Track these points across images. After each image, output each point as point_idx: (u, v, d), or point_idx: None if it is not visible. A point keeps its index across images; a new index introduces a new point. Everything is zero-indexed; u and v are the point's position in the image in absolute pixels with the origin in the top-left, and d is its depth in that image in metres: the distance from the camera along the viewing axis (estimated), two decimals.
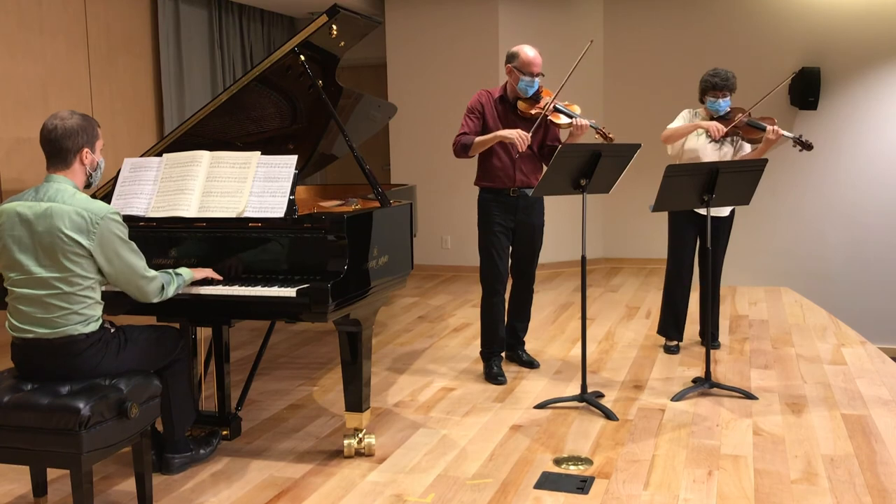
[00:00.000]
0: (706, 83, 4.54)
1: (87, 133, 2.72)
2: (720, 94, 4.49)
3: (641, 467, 3.21)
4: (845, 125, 7.33)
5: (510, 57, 4.21)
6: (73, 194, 2.64)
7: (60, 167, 2.70)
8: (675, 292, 4.78)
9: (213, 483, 3.12)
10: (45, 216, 2.59)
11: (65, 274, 2.60)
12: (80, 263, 2.61)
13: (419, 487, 3.06)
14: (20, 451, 2.58)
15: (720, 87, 4.47)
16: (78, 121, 2.71)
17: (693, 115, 4.65)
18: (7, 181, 5.11)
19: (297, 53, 3.51)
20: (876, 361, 4.60)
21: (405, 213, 3.61)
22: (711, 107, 4.54)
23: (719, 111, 4.53)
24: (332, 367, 4.70)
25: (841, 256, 7.39)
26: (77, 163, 2.72)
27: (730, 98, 4.53)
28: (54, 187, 2.65)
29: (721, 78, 4.48)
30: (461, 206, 7.23)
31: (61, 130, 2.67)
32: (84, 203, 2.63)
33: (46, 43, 5.51)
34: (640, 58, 7.84)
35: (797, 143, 4.42)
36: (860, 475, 3.09)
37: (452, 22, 7.66)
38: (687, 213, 4.60)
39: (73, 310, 2.63)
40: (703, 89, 4.57)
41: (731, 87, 4.50)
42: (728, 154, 4.58)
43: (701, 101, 4.63)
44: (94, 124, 2.78)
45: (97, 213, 2.61)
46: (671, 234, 4.77)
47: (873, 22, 7.15)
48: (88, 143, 2.73)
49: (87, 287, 2.64)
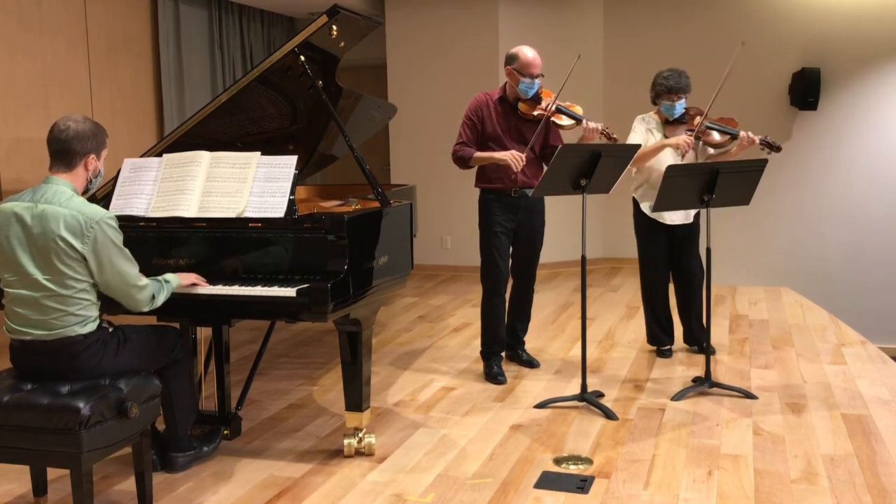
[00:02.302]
0: (660, 87, 4.40)
1: (96, 139, 2.73)
2: (675, 97, 4.38)
3: (641, 467, 3.21)
4: (845, 125, 7.32)
5: (510, 59, 4.21)
6: (70, 197, 2.63)
7: (63, 169, 2.70)
8: (654, 303, 4.73)
9: (214, 482, 3.12)
10: (40, 218, 2.59)
11: (59, 276, 2.60)
12: (74, 267, 2.61)
13: (419, 487, 3.06)
14: (20, 451, 2.59)
15: (675, 89, 4.35)
16: (90, 126, 2.72)
17: (647, 123, 4.53)
18: (7, 181, 5.11)
19: (297, 54, 3.51)
20: (876, 361, 4.60)
21: (405, 213, 3.61)
22: (666, 110, 4.43)
23: (675, 114, 4.42)
24: (332, 367, 4.70)
25: (841, 256, 7.39)
26: (81, 167, 2.72)
27: (685, 100, 4.43)
28: (52, 189, 2.65)
29: (675, 80, 4.36)
30: (461, 206, 7.23)
31: (73, 133, 2.67)
32: (80, 206, 2.62)
33: (46, 43, 5.51)
34: (640, 58, 7.82)
35: (765, 144, 4.35)
36: (860, 475, 3.09)
37: (452, 22, 7.66)
38: (653, 223, 4.54)
39: (70, 311, 2.62)
40: (657, 93, 4.43)
41: (685, 89, 4.38)
42: (690, 159, 4.46)
43: (654, 103, 4.51)
44: (104, 133, 2.79)
45: (92, 216, 2.61)
46: (640, 246, 4.69)
47: (873, 22, 7.15)
48: (96, 149, 2.74)
49: (81, 290, 2.64)
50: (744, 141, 4.29)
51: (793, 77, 7.28)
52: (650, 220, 4.55)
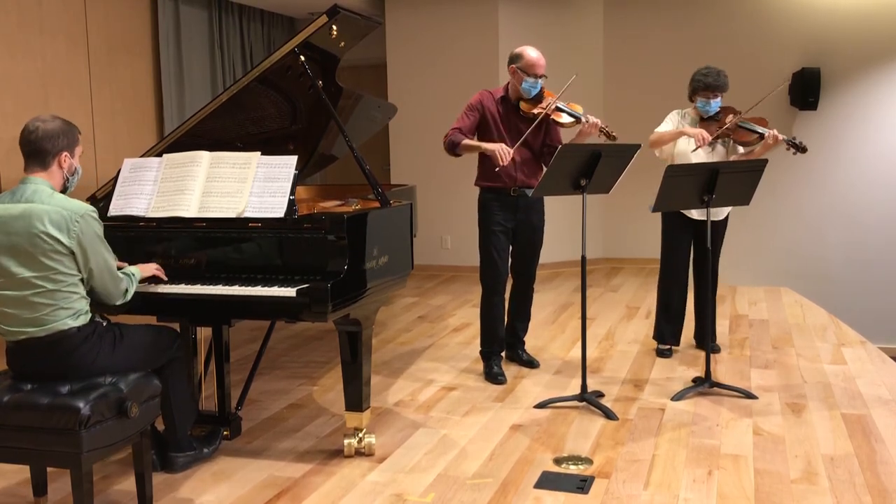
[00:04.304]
0: (697, 83, 4.43)
1: (67, 137, 2.74)
2: (711, 95, 4.40)
3: (641, 467, 3.21)
4: (845, 125, 7.32)
5: (514, 58, 4.21)
6: (50, 195, 2.65)
7: (38, 169, 2.71)
8: (671, 298, 4.72)
9: (214, 482, 3.12)
10: (21, 217, 2.60)
11: (46, 272, 2.61)
12: (62, 261, 2.62)
13: (419, 487, 3.06)
14: (20, 451, 2.59)
15: (712, 87, 4.37)
16: (59, 124, 2.73)
17: (682, 117, 4.57)
18: (7, 181, 5.11)
19: (298, 54, 3.51)
20: (876, 361, 4.60)
21: (405, 213, 3.61)
22: (702, 107, 4.46)
23: (710, 112, 4.44)
24: (332, 367, 4.70)
25: (841, 256, 7.39)
26: (55, 165, 2.73)
27: (721, 98, 4.46)
28: (31, 188, 2.66)
29: (713, 77, 4.37)
30: (461, 206, 7.23)
31: (42, 132, 2.69)
32: (62, 202, 2.64)
33: (46, 43, 5.51)
34: (641, 58, 7.84)
35: (791, 145, 4.36)
36: (860, 475, 3.09)
37: (452, 22, 7.66)
38: (680, 217, 4.55)
39: (60, 305, 2.64)
40: (694, 89, 4.46)
41: (723, 88, 4.40)
42: (720, 156, 4.49)
43: (690, 100, 4.54)
44: (76, 130, 2.80)
45: (77, 211, 2.63)
46: (665, 239, 4.69)
47: (873, 22, 7.15)
48: (68, 147, 2.75)
49: (70, 283, 2.65)
50: (769, 139, 4.28)
51: (793, 77, 7.28)
52: (677, 214, 4.54)
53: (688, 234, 4.61)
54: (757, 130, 4.37)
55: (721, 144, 4.50)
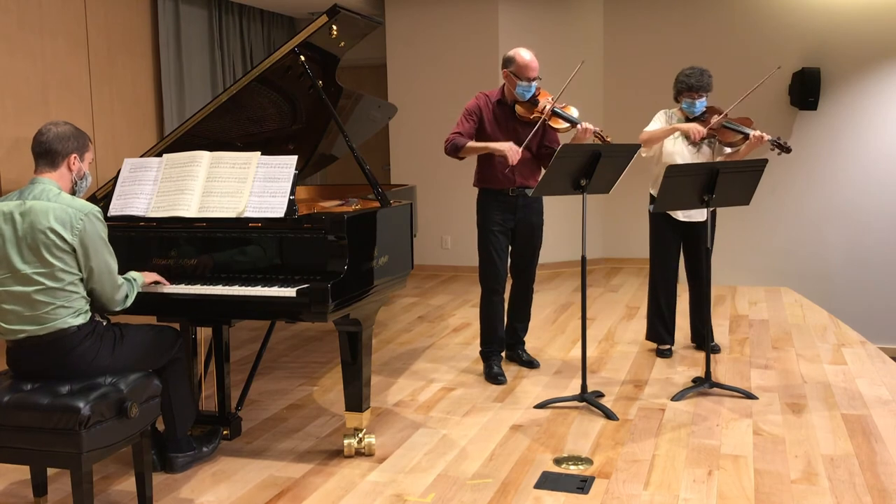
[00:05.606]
0: (682, 84, 4.43)
1: (77, 140, 2.79)
2: (696, 95, 4.40)
3: (641, 467, 3.21)
4: (845, 125, 7.32)
5: (506, 62, 4.20)
6: (57, 194, 2.69)
7: (47, 169, 2.75)
8: (661, 299, 4.72)
9: (214, 483, 3.12)
10: (28, 213, 2.63)
11: (49, 269, 2.62)
12: (64, 259, 2.63)
13: (419, 487, 3.06)
14: (20, 451, 2.59)
15: (695, 87, 4.38)
16: (71, 129, 2.79)
17: (669, 117, 4.57)
18: (7, 181, 5.11)
19: (298, 54, 3.51)
20: (876, 361, 4.60)
21: (405, 213, 3.61)
22: (687, 108, 4.46)
23: (695, 112, 4.45)
24: (332, 367, 4.70)
25: (841, 256, 7.39)
26: (64, 167, 2.76)
27: (706, 98, 4.46)
28: (39, 187, 2.70)
29: (696, 78, 4.38)
30: (461, 206, 7.23)
31: (54, 134, 2.74)
32: (69, 201, 2.68)
33: (46, 43, 5.51)
34: (641, 59, 7.83)
35: (775, 145, 4.35)
36: (860, 475, 3.09)
37: (452, 22, 7.66)
38: (666, 219, 4.56)
39: (60, 304, 2.64)
40: (679, 90, 4.46)
41: (706, 88, 4.40)
42: (706, 157, 4.50)
43: (676, 100, 4.54)
44: (87, 138, 2.85)
45: (81, 209, 2.66)
46: (653, 241, 4.70)
47: (873, 22, 7.15)
48: (78, 150, 2.79)
49: (70, 282, 2.66)
50: (752, 139, 4.29)
51: (793, 77, 7.28)
52: (663, 215, 4.55)
53: (675, 236, 4.62)
54: (742, 130, 4.37)
55: (707, 145, 4.51)
